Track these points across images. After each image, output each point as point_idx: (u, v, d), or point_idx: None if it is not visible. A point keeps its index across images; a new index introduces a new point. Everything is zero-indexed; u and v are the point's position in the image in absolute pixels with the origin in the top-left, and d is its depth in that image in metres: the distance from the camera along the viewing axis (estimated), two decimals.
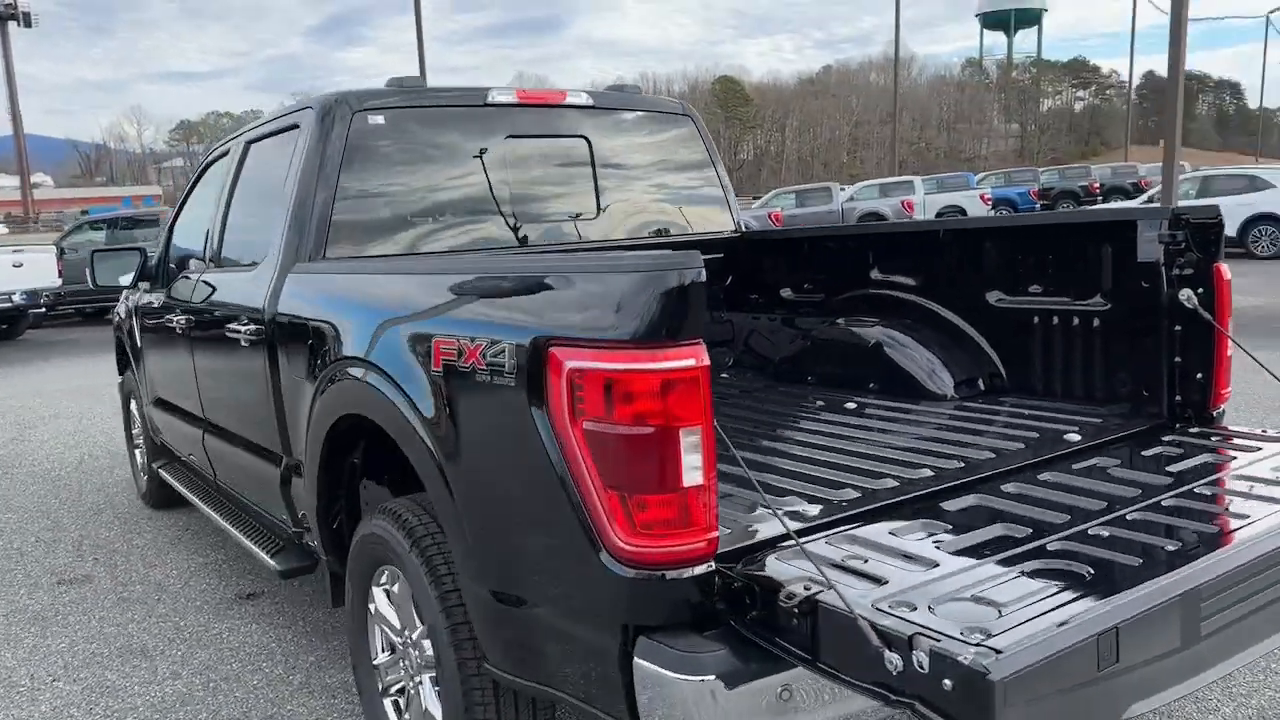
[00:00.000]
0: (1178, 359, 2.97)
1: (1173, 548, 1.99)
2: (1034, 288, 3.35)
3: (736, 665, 1.85)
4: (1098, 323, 3.17)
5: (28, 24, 41.39)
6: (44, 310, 16.74)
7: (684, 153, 4.32)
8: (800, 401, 3.72)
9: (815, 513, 2.30)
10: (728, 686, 1.82)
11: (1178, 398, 2.99)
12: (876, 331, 3.81)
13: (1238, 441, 2.74)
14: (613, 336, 1.89)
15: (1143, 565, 1.89)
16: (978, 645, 1.55)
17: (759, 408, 3.64)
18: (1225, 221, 2.94)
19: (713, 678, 1.82)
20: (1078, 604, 1.71)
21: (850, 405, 3.56)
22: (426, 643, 2.60)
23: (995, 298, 3.48)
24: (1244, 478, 2.42)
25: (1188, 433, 2.88)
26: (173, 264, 4.83)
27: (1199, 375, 2.93)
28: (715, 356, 2.60)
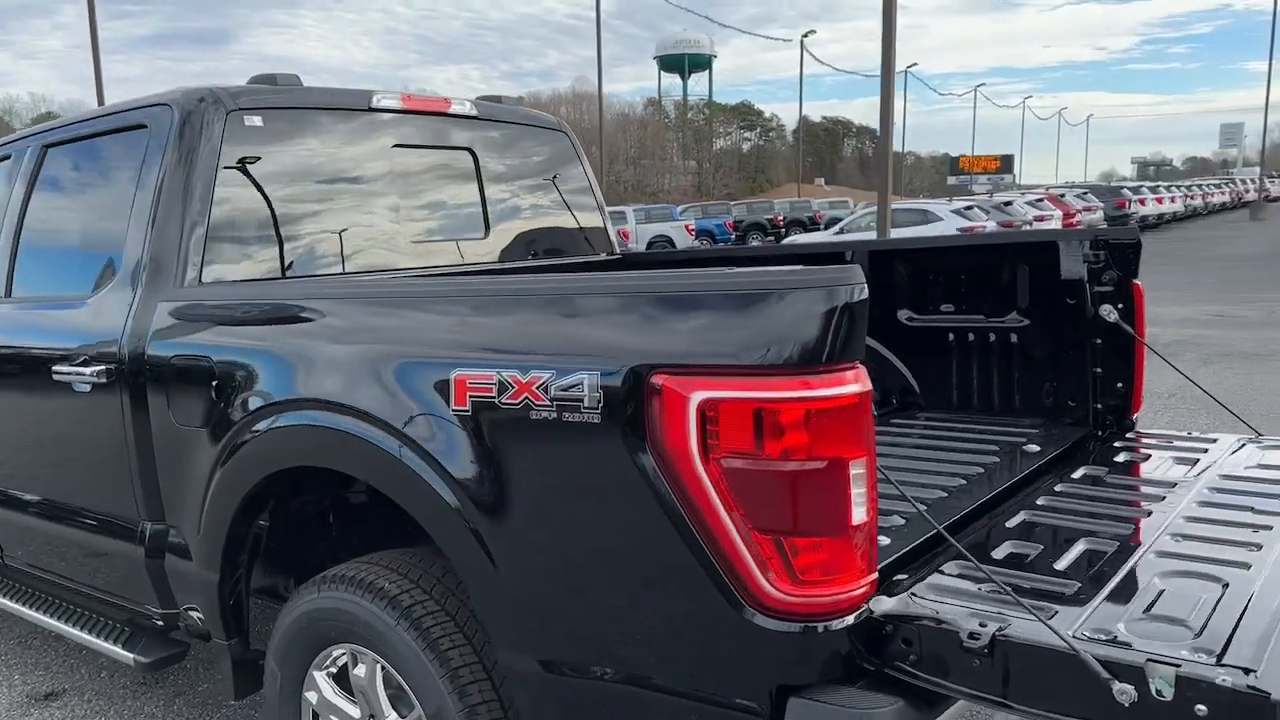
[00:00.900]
0: (1098, 369, 3.17)
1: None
2: (947, 306, 3.47)
3: (912, 716, 1.69)
4: (1015, 338, 3.32)
5: None
6: None
7: (562, 171, 4.08)
8: None
9: (887, 543, 2.19)
10: None
11: (1099, 405, 3.19)
12: None
13: (1195, 444, 2.96)
14: (762, 361, 1.67)
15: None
16: (1225, 666, 1.50)
17: None
18: None
19: None
20: (1256, 613, 1.72)
21: None
22: None
23: (906, 316, 3.56)
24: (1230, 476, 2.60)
25: (1129, 438, 3.07)
26: None
27: (1119, 384, 3.14)
28: None
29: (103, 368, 2.84)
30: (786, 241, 26.25)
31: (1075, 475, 2.67)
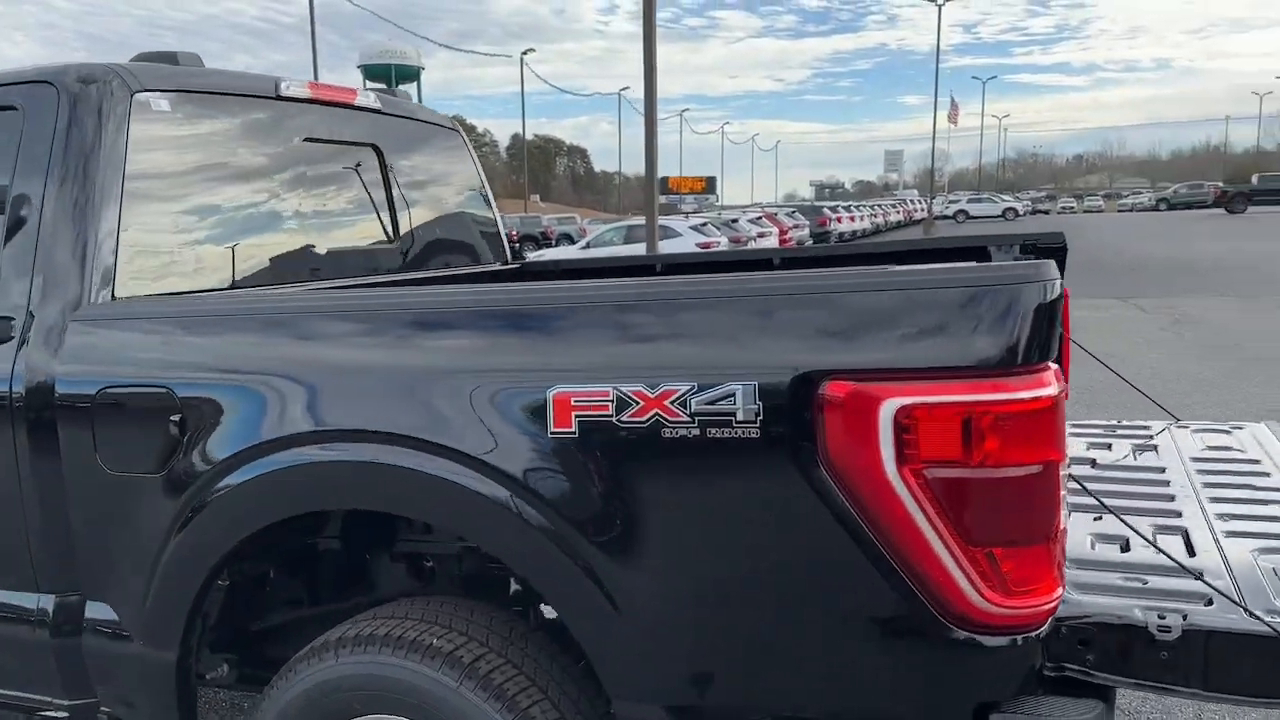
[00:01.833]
0: None
1: None
2: None
3: (1107, 717, 1.67)
4: None
5: None
6: None
7: (458, 172, 3.77)
8: None
9: None
10: None
11: None
12: None
13: (1137, 430, 3.17)
14: (969, 363, 1.58)
15: None
16: None
17: None
18: None
19: None
20: None
21: None
22: None
23: None
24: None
25: (1071, 428, 3.25)
26: None
27: None
28: None
29: None
30: (533, 257, 26.04)
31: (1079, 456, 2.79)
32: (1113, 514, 1.98)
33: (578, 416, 1.77)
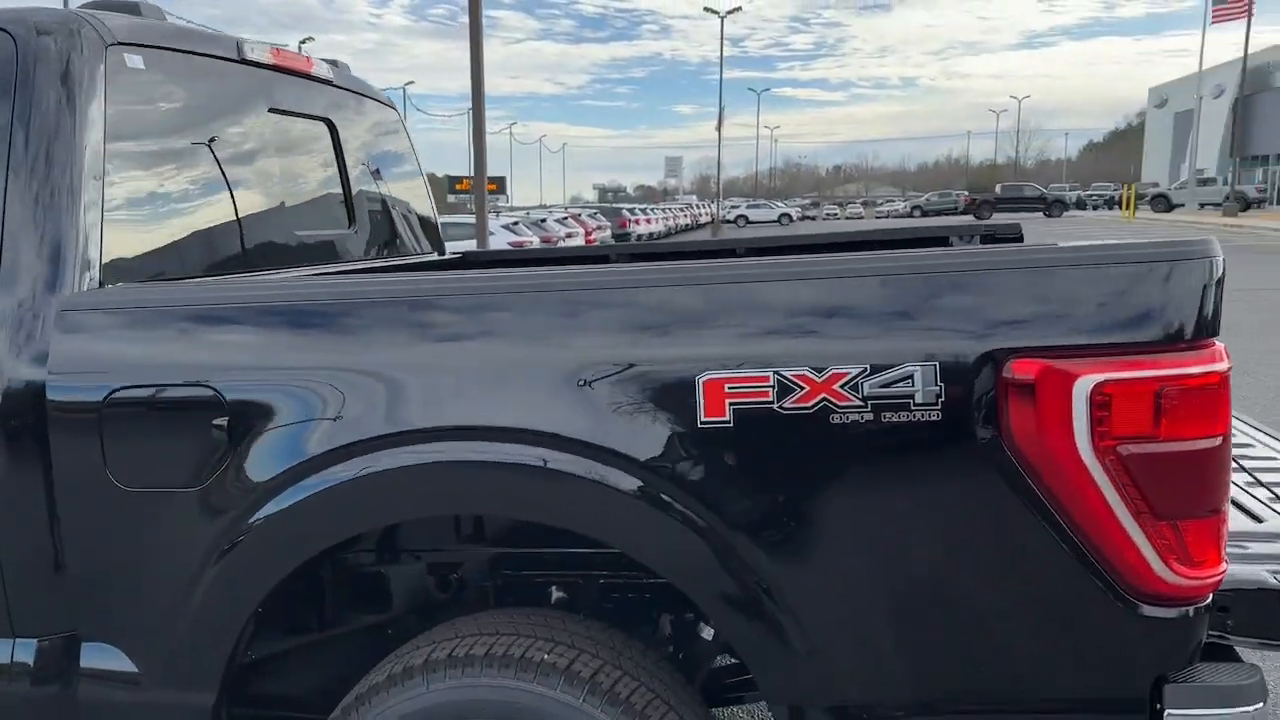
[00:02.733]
0: None
1: None
2: None
3: (1263, 681, 1.72)
4: None
5: None
6: None
7: (397, 152, 3.48)
8: None
9: None
10: (1264, 702, 1.69)
11: None
12: None
13: None
14: (1157, 338, 1.58)
15: None
16: None
17: None
18: None
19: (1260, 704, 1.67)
20: None
21: None
22: None
23: None
24: None
25: None
26: None
27: None
28: None
29: None
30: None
31: None
32: (1251, 476, 2.05)
33: (733, 404, 1.65)
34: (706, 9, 47.28)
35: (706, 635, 2.06)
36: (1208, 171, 59.77)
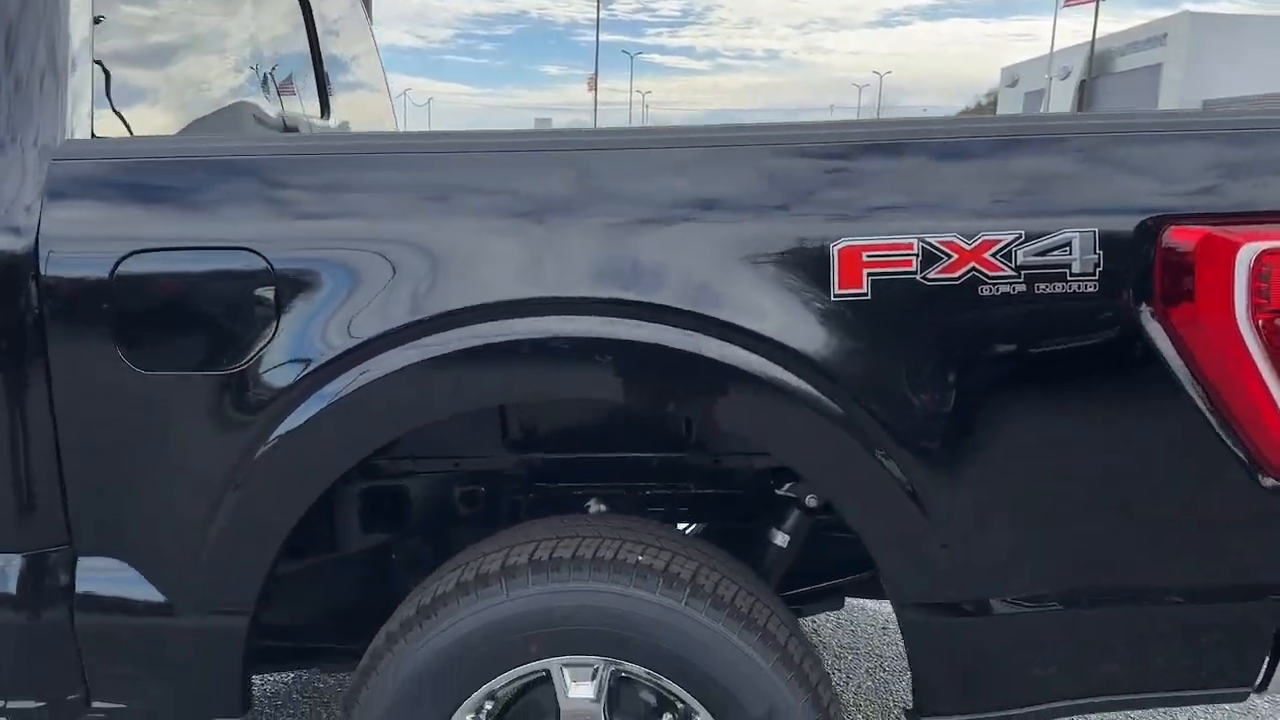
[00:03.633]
0: None
1: None
2: None
3: None
4: None
5: None
6: None
7: (356, 35, 3.14)
8: None
9: None
10: None
11: None
12: None
13: None
14: None
15: None
16: None
17: None
18: None
19: None
20: None
21: None
22: None
23: None
24: None
25: None
26: None
27: None
28: None
29: None
30: None
31: None
32: None
33: (871, 275, 1.50)
34: None
35: (780, 542, 1.90)
36: None
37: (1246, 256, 1.47)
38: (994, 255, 1.49)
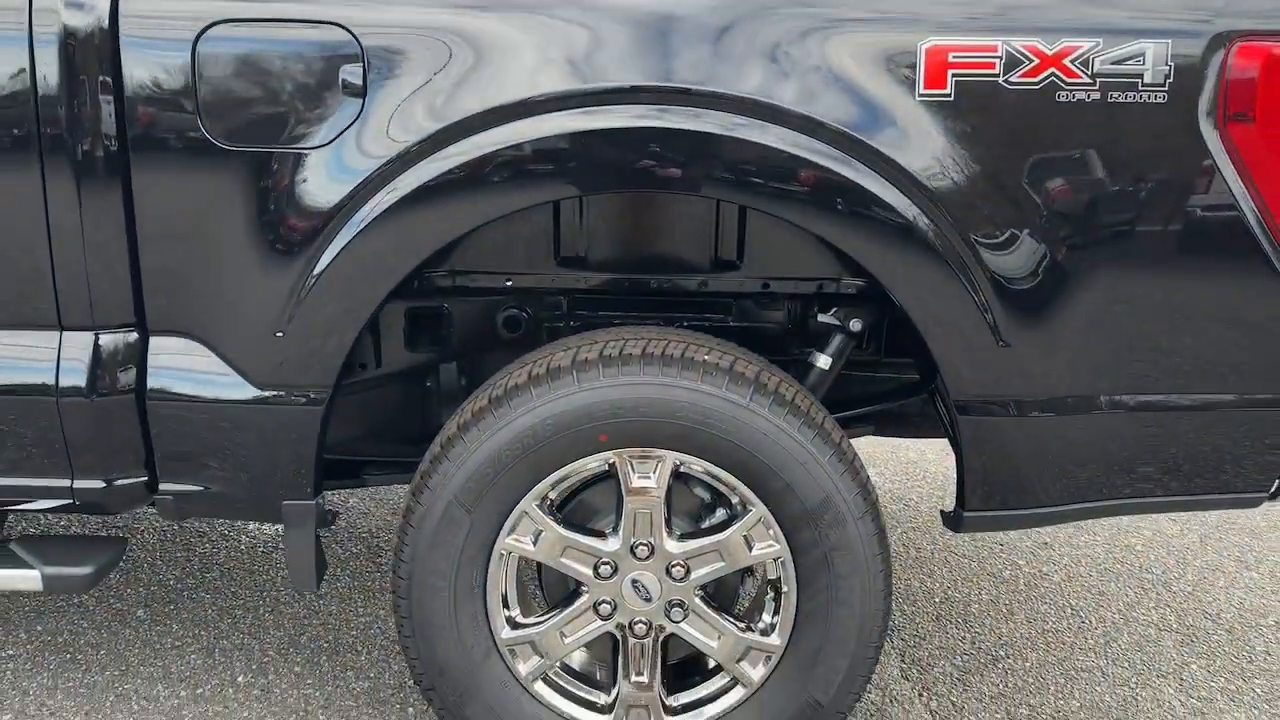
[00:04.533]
0: None
1: None
2: None
3: None
4: None
5: None
6: None
7: None
8: None
9: None
10: None
11: None
12: None
13: None
14: None
15: None
16: None
17: None
18: None
19: None
20: None
21: None
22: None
23: None
24: None
25: None
26: None
27: None
28: None
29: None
30: None
31: None
32: None
33: (955, 75, 1.54)
34: None
35: (822, 364, 1.95)
36: None
37: None
38: (1072, 61, 1.53)
